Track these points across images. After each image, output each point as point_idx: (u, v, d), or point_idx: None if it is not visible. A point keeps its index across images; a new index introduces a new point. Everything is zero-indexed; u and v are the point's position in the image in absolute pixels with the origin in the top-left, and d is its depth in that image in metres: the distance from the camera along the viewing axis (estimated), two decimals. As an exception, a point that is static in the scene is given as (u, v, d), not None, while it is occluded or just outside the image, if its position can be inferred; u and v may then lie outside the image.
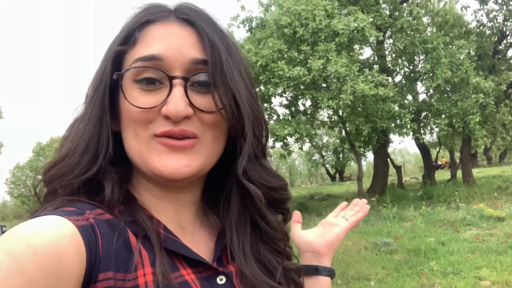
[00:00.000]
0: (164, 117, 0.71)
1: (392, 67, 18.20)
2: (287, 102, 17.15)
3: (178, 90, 0.70)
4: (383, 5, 17.36)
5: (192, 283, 0.71)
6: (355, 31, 14.25)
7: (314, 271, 1.04)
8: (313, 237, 1.07)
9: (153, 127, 0.72)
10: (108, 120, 0.74)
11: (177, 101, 0.70)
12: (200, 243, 0.80)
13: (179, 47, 0.72)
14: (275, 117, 16.70)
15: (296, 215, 1.13)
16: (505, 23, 17.83)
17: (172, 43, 0.72)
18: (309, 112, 17.21)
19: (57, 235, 0.56)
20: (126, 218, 0.70)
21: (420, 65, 18.41)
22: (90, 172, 0.72)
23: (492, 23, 18.32)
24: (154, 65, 0.71)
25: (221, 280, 0.76)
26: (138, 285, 0.64)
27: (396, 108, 15.53)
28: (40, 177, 0.75)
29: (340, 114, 16.39)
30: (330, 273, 1.05)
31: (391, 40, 18.60)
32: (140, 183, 0.78)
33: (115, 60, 0.74)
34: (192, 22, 0.74)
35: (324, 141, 31.20)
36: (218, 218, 0.87)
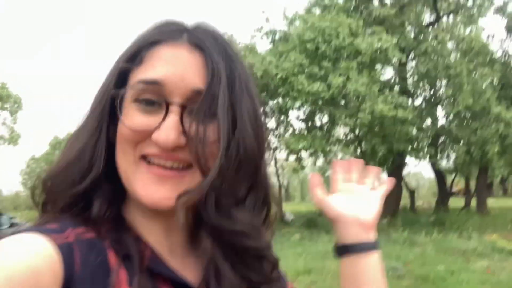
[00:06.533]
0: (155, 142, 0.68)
1: (413, 90, 18.06)
2: (304, 117, 17.08)
3: (172, 118, 0.67)
4: (409, 27, 17.29)
5: None
6: (378, 51, 14.19)
7: (372, 247, 0.91)
8: (357, 207, 0.92)
9: (141, 147, 0.69)
10: (104, 134, 0.73)
11: (169, 129, 0.66)
12: (189, 269, 0.76)
13: (183, 75, 0.69)
14: (291, 130, 16.63)
15: (315, 177, 0.99)
16: (531, 54, 17.60)
17: (176, 69, 0.69)
18: (325, 128, 17.11)
19: (33, 255, 0.56)
20: (111, 237, 0.68)
21: (441, 90, 18.24)
22: (81, 185, 0.70)
23: (518, 53, 18.12)
24: (154, 89, 0.68)
25: None
26: None
27: (414, 131, 15.38)
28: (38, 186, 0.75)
29: (357, 132, 16.28)
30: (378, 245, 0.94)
31: (414, 63, 18.47)
32: (133, 202, 0.75)
33: (120, 76, 0.73)
34: (202, 48, 0.71)
35: (339, 158, 31.02)
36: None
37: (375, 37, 14.11)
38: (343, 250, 0.91)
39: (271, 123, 16.95)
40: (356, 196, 0.95)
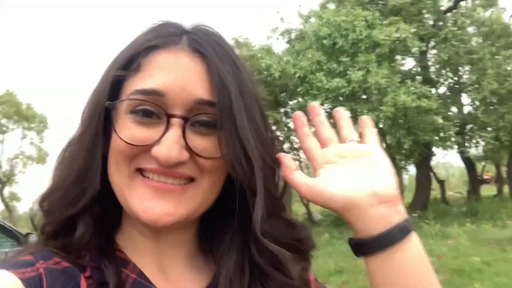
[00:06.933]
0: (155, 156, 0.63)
1: (435, 78, 17.72)
2: (326, 114, 16.89)
3: (174, 132, 0.62)
4: (426, 15, 16.96)
5: None
6: (397, 42, 13.96)
7: (409, 227, 0.65)
8: (365, 178, 0.66)
9: (137, 161, 0.64)
10: (100, 150, 0.67)
11: (171, 144, 0.61)
12: None
13: (184, 83, 0.63)
14: (313, 129, 16.50)
15: (286, 158, 0.72)
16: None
17: (177, 77, 0.63)
18: (348, 124, 16.91)
19: None
20: (93, 264, 0.65)
21: (465, 76, 17.87)
22: (74, 209, 0.67)
23: (542, 33, 17.60)
24: (153, 100, 0.63)
25: None
26: None
27: (440, 121, 15.06)
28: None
29: (380, 126, 16.05)
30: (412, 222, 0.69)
31: (434, 51, 18.10)
32: (127, 220, 0.71)
33: (114, 84, 0.67)
34: (204, 54, 0.65)
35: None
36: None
37: (392, 28, 13.89)
38: (373, 245, 0.64)
39: (292, 124, 16.86)
40: (351, 162, 0.69)
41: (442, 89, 18.33)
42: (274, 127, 0.76)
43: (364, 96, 14.87)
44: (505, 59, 15.41)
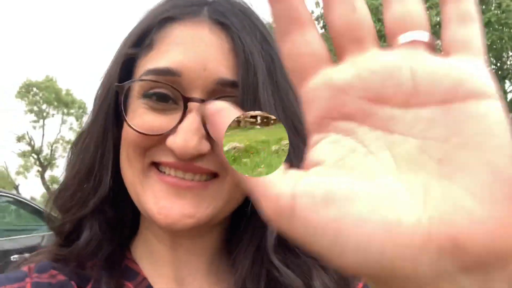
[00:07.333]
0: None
1: (477, 64, 17.28)
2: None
3: (192, 118, 0.52)
4: (469, -2, 16.49)
5: None
6: (438, 26, 13.60)
7: None
8: (443, 201, 0.22)
9: (152, 154, 0.55)
10: (111, 142, 0.59)
11: (188, 133, 0.52)
12: None
13: (205, 61, 0.53)
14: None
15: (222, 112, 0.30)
16: None
17: (196, 54, 0.54)
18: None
19: None
20: (97, 275, 0.59)
21: (509, 62, 17.28)
22: (85, 209, 0.60)
23: None
24: (168, 82, 0.53)
25: None
26: None
27: (481, 108, 14.72)
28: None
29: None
30: None
31: (476, 35, 17.63)
32: (145, 220, 0.63)
33: (126, 64, 0.58)
34: (227, 25, 0.55)
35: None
36: None
37: (433, 11, 13.52)
38: None
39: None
40: (402, 124, 0.27)
41: (484, 76, 17.91)
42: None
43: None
44: (553, 43, 14.84)
